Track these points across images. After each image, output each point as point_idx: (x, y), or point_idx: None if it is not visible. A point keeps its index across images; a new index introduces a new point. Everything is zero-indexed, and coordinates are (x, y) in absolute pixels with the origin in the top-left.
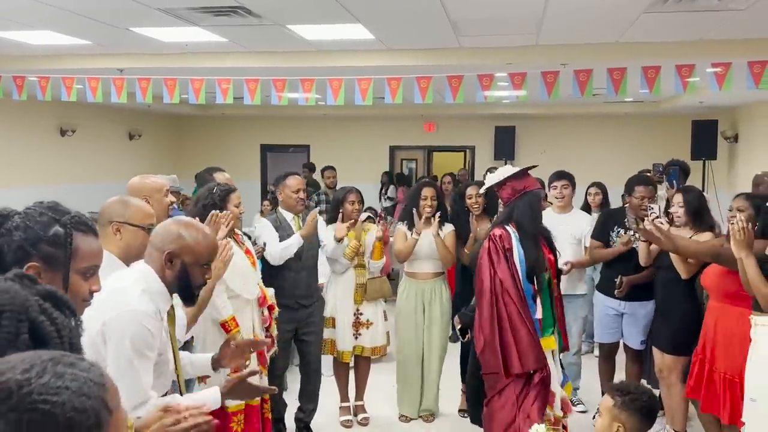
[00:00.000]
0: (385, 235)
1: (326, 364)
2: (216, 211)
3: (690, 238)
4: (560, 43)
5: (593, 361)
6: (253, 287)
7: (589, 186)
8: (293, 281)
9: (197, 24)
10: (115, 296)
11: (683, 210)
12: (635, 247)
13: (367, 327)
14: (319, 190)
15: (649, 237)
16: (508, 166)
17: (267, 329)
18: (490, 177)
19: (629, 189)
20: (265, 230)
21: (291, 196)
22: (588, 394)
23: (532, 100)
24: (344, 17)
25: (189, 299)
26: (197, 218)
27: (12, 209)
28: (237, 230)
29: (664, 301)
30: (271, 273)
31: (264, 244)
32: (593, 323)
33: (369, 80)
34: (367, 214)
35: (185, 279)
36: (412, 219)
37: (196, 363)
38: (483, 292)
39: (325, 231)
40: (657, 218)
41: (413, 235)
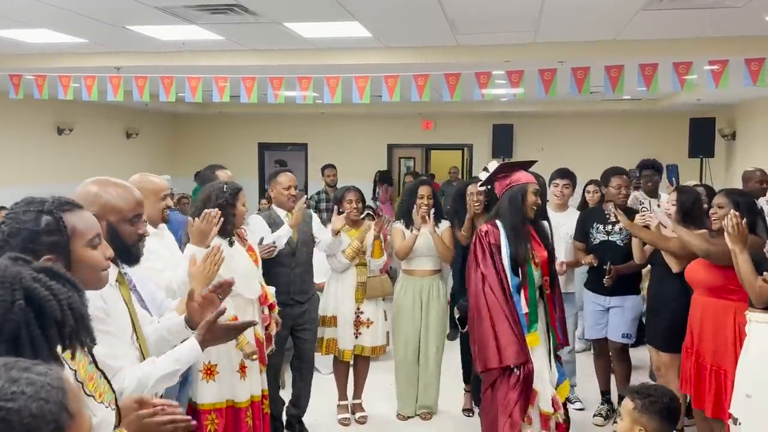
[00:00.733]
0: (384, 233)
1: (324, 363)
2: (208, 210)
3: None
4: (558, 41)
5: (591, 359)
6: (255, 286)
7: (587, 184)
8: (287, 278)
9: (194, 22)
10: None
11: (675, 209)
12: (622, 243)
13: (368, 326)
14: (320, 189)
15: (628, 226)
16: (494, 162)
17: (266, 328)
18: (482, 174)
19: (605, 181)
20: (258, 225)
21: (282, 193)
22: (585, 392)
23: (530, 98)
24: (341, 15)
25: (130, 260)
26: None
27: None
28: (243, 228)
29: (657, 298)
30: (266, 270)
31: (273, 242)
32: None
33: (366, 78)
34: (367, 212)
35: (117, 239)
36: (409, 217)
37: (173, 329)
38: (469, 287)
39: (320, 227)
40: (648, 213)
41: (413, 232)
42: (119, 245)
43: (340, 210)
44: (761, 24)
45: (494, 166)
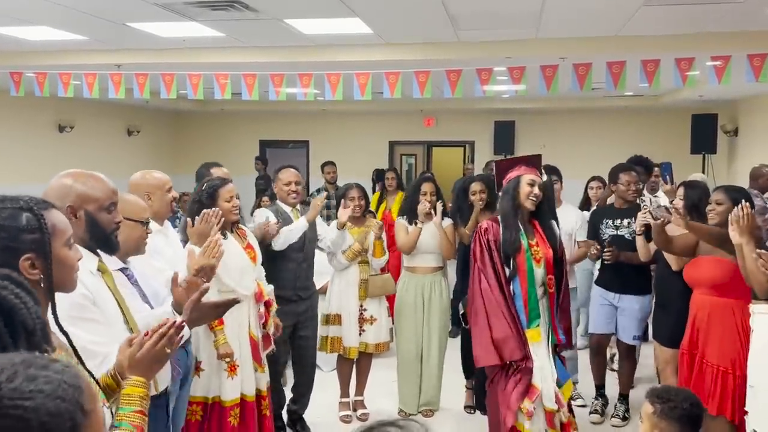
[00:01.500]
0: (389, 232)
1: (325, 360)
2: (207, 210)
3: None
4: (559, 37)
5: (587, 355)
6: (250, 282)
7: (590, 180)
8: (295, 273)
9: (194, 19)
10: None
11: (683, 203)
12: (630, 237)
13: (371, 323)
14: (320, 186)
15: (685, 226)
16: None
17: (264, 326)
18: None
19: (614, 178)
20: (266, 217)
21: (283, 189)
22: (587, 389)
23: (532, 95)
24: (342, 11)
25: (109, 248)
26: (190, 217)
27: None
28: (241, 225)
29: (663, 295)
30: (274, 265)
31: (279, 221)
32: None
33: (367, 75)
34: (369, 210)
35: (96, 228)
36: (412, 213)
37: (160, 316)
38: (469, 284)
39: (323, 225)
40: (650, 208)
41: (418, 225)
42: (99, 234)
43: (345, 206)
44: (763, 19)
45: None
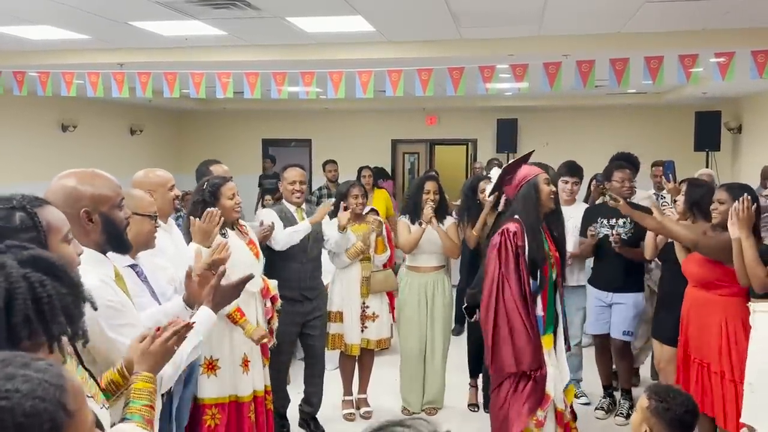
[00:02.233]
0: (388, 231)
1: (328, 358)
2: (210, 210)
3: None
4: (562, 34)
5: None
6: (256, 278)
7: (592, 178)
8: (299, 273)
9: (196, 17)
10: None
11: (683, 200)
12: (627, 237)
13: (373, 320)
14: (321, 185)
15: (628, 212)
16: (496, 170)
17: (269, 321)
18: (493, 175)
19: (608, 175)
20: (269, 218)
21: (287, 188)
22: (591, 387)
23: (535, 92)
24: (344, 9)
25: (125, 248)
26: (192, 215)
27: None
28: (242, 222)
29: (668, 293)
30: (277, 265)
31: (272, 223)
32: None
33: (370, 73)
34: (371, 207)
35: (112, 228)
36: (415, 212)
37: (170, 311)
38: (485, 288)
39: (328, 225)
40: (667, 206)
41: (422, 225)
42: (115, 233)
43: (345, 206)
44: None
45: (495, 173)
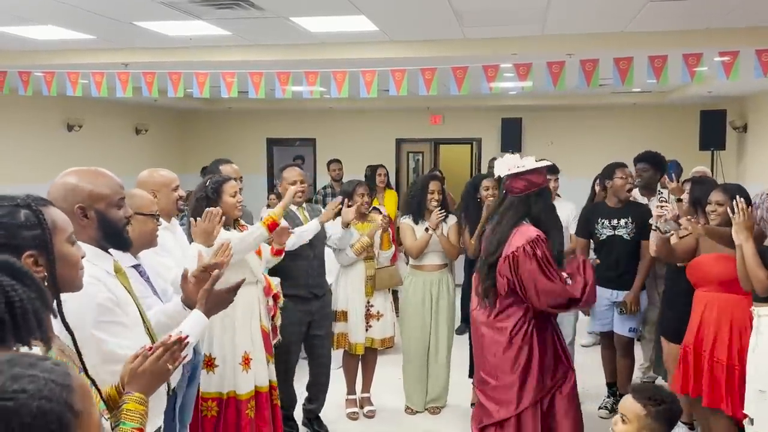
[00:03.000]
0: (392, 228)
1: (332, 357)
2: (210, 209)
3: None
4: (566, 33)
5: (598, 352)
6: (259, 276)
7: (596, 177)
8: (306, 270)
9: (201, 17)
10: None
11: (687, 198)
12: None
13: (378, 319)
14: (326, 184)
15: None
16: (521, 158)
17: (272, 318)
18: (504, 163)
19: (609, 174)
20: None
21: (287, 188)
22: (587, 386)
23: (539, 92)
24: (347, 9)
25: (123, 245)
26: (194, 214)
27: None
28: (243, 222)
29: (672, 291)
30: (285, 264)
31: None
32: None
33: (373, 72)
34: (373, 206)
35: (107, 226)
36: (418, 212)
37: (170, 312)
38: (533, 295)
39: (331, 223)
40: (666, 203)
41: (429, 232)
42: (111, 231)
43: (349, 204)
44: None
45: (527, 162)
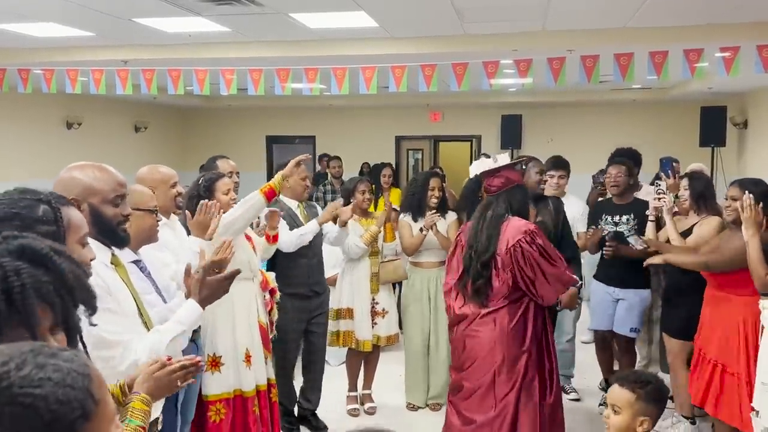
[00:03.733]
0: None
1: (333, 354)
2: (205, 201)
3: (691, 231)
4: (566, 29)
5: (592, 350)
6: (255, 271)
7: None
8: (307, 269)
9: (200, 14)
10: None
11: (688, 193)
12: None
13: (383, 316)
14: (325, 180)
15: (650, 244)
16: (502, 155)
17: (269, 313)
18: (478, 165)
19: (604, 172)
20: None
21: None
22: (585, 383)
23: (539, 88)
24: (347, 5)
25: (118, 242)
26: (188, 211)
27: None
28: None
29: (672, 288)
30: (285, 263)
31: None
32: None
33: (373, 69)
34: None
35: (100, 221)
36: (417, 210)
37: (175, 308)
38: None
39: (329, 223)
40: (663, 195)
41: (423, 231)
42: (103, 226)
43: (350, 200)
44: None
45: (502, 159)
